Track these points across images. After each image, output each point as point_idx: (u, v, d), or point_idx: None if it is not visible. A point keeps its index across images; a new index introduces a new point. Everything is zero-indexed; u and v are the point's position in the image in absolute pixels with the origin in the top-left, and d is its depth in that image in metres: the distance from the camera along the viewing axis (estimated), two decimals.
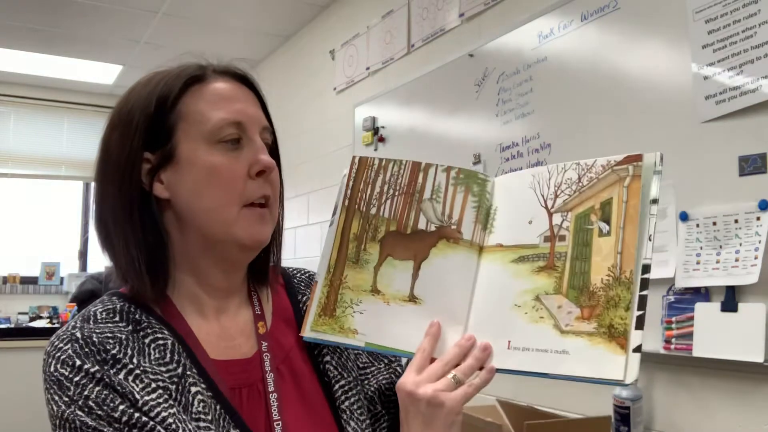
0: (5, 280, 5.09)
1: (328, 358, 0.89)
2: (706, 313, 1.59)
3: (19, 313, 4.99)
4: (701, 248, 1.60)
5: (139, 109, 0.82)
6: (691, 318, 1.61)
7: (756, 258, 1.48)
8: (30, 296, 5.11)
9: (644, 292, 0.70)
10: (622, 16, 1.88)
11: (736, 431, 1.57)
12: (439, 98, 2.68)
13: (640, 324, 0.69)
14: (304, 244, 3.86)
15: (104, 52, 4.36)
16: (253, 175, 0.81)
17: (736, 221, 1.54)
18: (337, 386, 0.87)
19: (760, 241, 1.48)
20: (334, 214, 0.86)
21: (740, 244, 1.52)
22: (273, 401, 0.81)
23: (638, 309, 0.69)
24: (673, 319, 1.65)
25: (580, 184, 0.77)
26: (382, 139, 3.05)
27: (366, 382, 0.92)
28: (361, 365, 0.93)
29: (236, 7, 3.75)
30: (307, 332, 0.83)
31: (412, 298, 0.81)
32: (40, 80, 5.05)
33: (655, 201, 0.73)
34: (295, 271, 1.00)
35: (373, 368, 0.93)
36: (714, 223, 1.58)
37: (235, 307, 0.88)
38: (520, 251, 0.78)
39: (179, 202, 0.81)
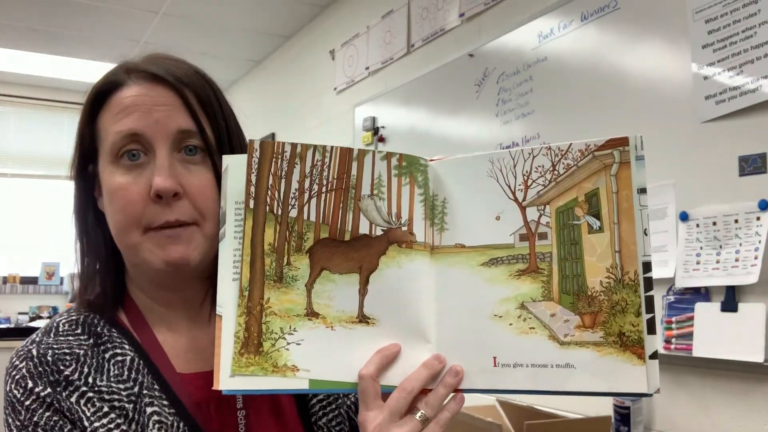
0: (5, 280, 5.09)
1: None
2: (706, 313, 1.59)
3: (19, 313, 5.00)
4: (701, 248, 1.60)
5: (78, 125, 0.79)
6: (691, 318, 1.61)
7: (756, 258, 1.48)
8: (30, 296, 5.12)
9: (650, 293, 0.63)
10: (622, 16, 1.88)
11: (736, 431, 1.57)
12: (439, 98, 2.68)
13: (652, 328, 0.62)
14: None
15: (104, 52, 4.36)
16: (153, 198, 0.72)
17: (736, 221, 1.54)
18: (314, 400, 0.82)
19: (760, 241, 1.48)
20: (223, 224, 0.67)
21: (740, 244, 1.52)
22: (240, 419, 0.77)
23: (646, 312, 0.62)
24: (673, 319, 1.65)
25: (556, 172, 0.66)
26: (382, 139, 3.05)
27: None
28: None
29: (236, 7, 3.75)
30: (225, 382, 0.63)
31: (363, 318, 0.66)
32: (40, 80, 5.05)
33: (643, 190, 0.64)
34: None
35: None
36: (714, 223, 1.58)
37: (207, 317, 0.81)
38: (490, 252, 0.67)
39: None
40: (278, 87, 4.35)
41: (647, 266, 0.63)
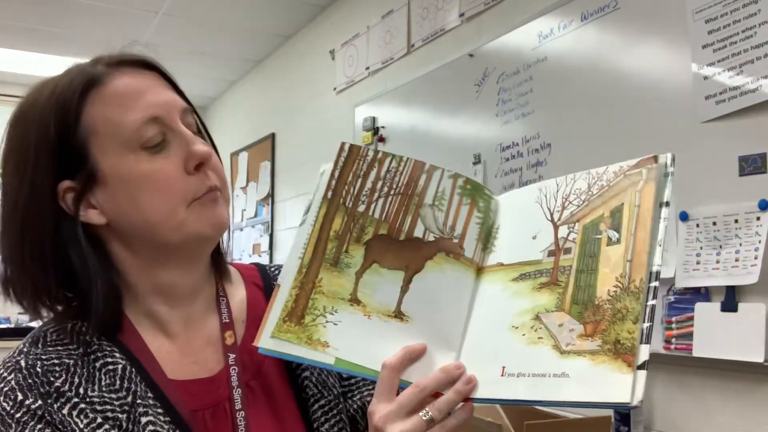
0: None
1: (307, 373, 0.81)
2: (706, 313, 1.59)
3: (19, 313, 4.99)
4: (701, 248, 1.60)
5: (35, 135, 0.72)
6: (691, 318, 1.61)
7: (756, 258, 1.48)
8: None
9: (653, 302, 0.61)
10: (622, 16, 1.88)
11: (736, 431, 1.57)
12: (439, 98, 2.68)
13: (647, 337, 0.60)
14: None
15: (104, 52, 4.35)
16: (190, 170, 0.73)
17: (736, 221, 1.54)
18: (316, 406, 0.80)
19: (760, 241, 1.48)
20: (306, 212, 0.74)
21: (740, 244, 1.52)
22: (240, 420, 0.75)
23: (645, 320, 0.61)
24: (673, 319, 1.65)
25: (590, 193, 0.70)
26: (382, 139, 3.05)
27: (349, 395, 0.85)
28: (344, 375, 0.85)
29: (236, 7, 3.75)
30: (265, 341, 0.68)
31: (399, 314, 0.70)
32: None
33: (665, 204, 0.65)
34: (276, 271, 0.91)
35: (359, 378, 0.84)
36: (714, 223, 1.58)
37: (201, 314, 0.81)
38: (521, 268, 0.70)
39: (120, 222, 0.74)
40: (278, 87, 4.35)
41: (655, 276, 0.63)
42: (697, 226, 1.62)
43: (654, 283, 0.62)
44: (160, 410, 0.72)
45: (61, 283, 0.75)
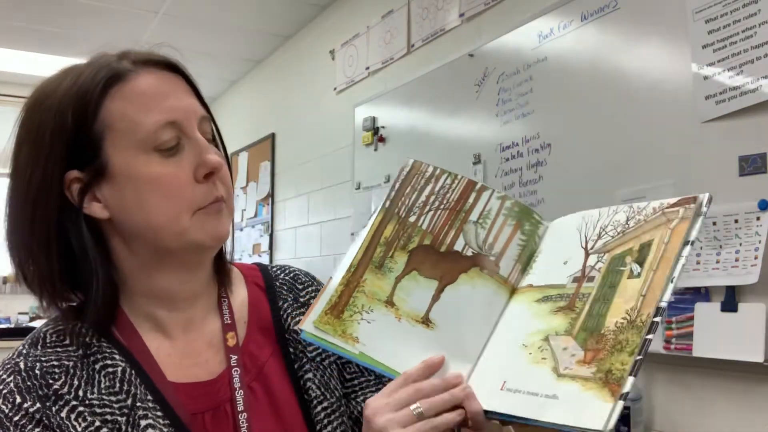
0: (5, 280, 5.09)
1: (310, 375, 0.81)
2: (706, 313, 1.58)
3: (19, 313, 5.00)
4: (701, 248, 1.60)
5: (53, 122, 0.72)
6: (691, 318, 1.61)
7: (756, 258, 1.48)
8: (30, 296, 5.03)
9: (650, 336, 0.62)
10: (622, 16, 1.88)
11: (736, 431, 1.57)
12: (439, 98, 2.68)
13: (636, 370, 0.61)
14: (304, 244, 3.86)
15: (105, 53, 4.35)
16: (200, 178, 0.73)
17: (736, 221, 1.54)
18: (319, 408, 0.80)
19: (760, 241, 1.48)
20: (370, 217, 0.79)
21: (740, 244, 1.52)
22: (242, 422, 0.75)
23: (639, 353, 0.61)
24: (673, 319, 1.65)
25: (626, 226, 0.71)
26: (382, 139, 3.05)
27: (353, 396, 0.84)
28: (347, 376, 0.85)
29: (236, 7, 3.75)
30: (308, 326, 0.73)
31: (426, 321, 0.73)
32: (40, 80, 5.04)
33: (690, 243, 0.66)
34: (278, 272, 0.91)
35: (362, 379, 0.85)
36: (714, 223, 1.58)
37: (201, 316, 0.81)
38: (546, 291, 0.72)
39: (123, 220, 0.74)
40: (278, 87, 4.35)
41: (660, 311, 0.63)
42: None
43: (657, 318, 0.63)
44: (159, 413, 0.72)
45: (64, 272, 0.75)
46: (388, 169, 2.98)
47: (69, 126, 0.71)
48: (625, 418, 1.70)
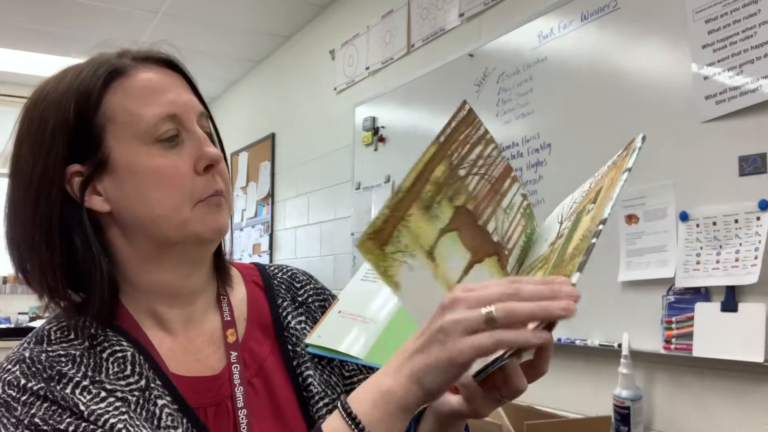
0: (5, 280, 5.10)
1: (310, 372, 0.81)
2: (706, 313, 1.58)
3: (19, 313, 5.00)
4: (701, 248, 1.60)
5: (54, 117, 0.73)
6: (691, 318, 1.61)
7: (756, 258, 1.48)
8: (30, 296, 5.01)
9: (595, 240, 0.58)
10: (622, 16, 1.88)
11: (736, 431, 1.57)
12: (439, 98, 2.68)
13: (581, 267, 0.57)
14: (304, 244, 3.86)
15: (104, 52, 4.35)
16: (200, 170, 0.74)
17: (736, 221, 1.54)
18: (321, 404, 0.79)
19: (760, 241, 1.48)
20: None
21: (740, 244, 1.52)
22: (242, 418, 0.75)
23: (585, 255, 0.58)
24: (673, 319, 1.65)
25: (589, 188, 0.72)
26: (382, 139, 3.05)
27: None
28: (346, 374, 0.85)
29: (236, 7, 3.75)
30: (361, 246, 0.64)
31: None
32: (40, 80, 5.04)
33: (628, 170, 0.64)
34: (276, 270, 0.92)
35: (361, 377, 0.84)
36: (714, 223, 1.58)
37: (201, 313, 0.81)
38: (532, 266, 0.71)
39: (124, 213, 0.74)
40: (278, 87, 4.35)
41: (603, 221, 0.60)
42: (697, 226, 1.62)
43: (600, 227, 0.59)
44: (169, 398, 0.72)
45: (66, 268, 0.75)
46: (388, 169, 2.98)
47: (71, 120, 0.72)
48: (625, 418, 1.70)
